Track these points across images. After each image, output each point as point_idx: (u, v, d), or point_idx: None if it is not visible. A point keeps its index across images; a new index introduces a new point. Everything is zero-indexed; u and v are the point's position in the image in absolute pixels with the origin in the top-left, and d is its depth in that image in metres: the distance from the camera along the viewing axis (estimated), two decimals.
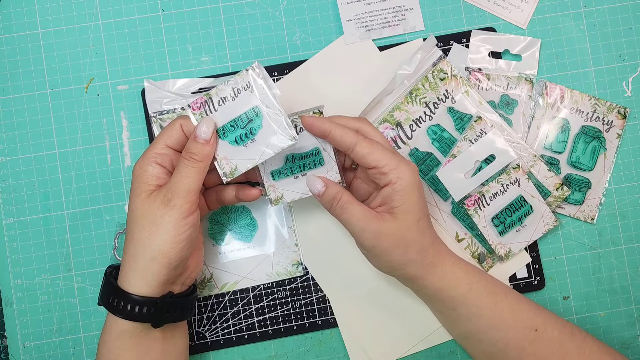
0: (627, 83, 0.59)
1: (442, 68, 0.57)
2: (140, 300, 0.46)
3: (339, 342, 0.57)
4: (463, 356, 0.57)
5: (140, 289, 0.46)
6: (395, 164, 0.47)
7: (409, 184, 0.48)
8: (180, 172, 0.47)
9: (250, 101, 0.48)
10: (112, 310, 0.47)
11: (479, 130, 0.56)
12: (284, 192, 0.51)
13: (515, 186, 0.55)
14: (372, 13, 0.58)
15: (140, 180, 0.47)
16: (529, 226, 0.55)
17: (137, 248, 0.46)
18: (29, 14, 0.58)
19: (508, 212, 0.55)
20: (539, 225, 0.55)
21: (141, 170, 0.47)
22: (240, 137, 0.48)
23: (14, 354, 0.56)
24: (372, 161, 0.47)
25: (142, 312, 0.46)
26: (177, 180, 0.46)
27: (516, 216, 0.55)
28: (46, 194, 0.57)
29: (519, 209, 0.55)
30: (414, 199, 0.48)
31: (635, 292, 0.58)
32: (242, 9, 0.59)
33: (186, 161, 0.47)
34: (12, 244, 0.57)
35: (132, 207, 0.47)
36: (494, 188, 0.55)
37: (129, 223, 0.47)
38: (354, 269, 0.57)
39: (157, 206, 0.46)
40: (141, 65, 0.58)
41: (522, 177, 0.55)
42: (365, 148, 0.48)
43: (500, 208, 0.55)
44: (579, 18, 0.59)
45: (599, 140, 0.57)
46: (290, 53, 0.59)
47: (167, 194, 0.46)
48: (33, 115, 0.58)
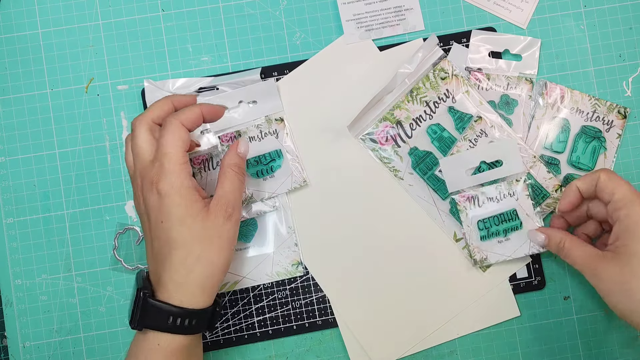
0: (627, 83, 0.59)
1: (443, 67, 0.57)
2: (202, 312, 0.46)
3: (339, 342, 0.57)
4: (463, 356, 0.57)
5: (199, 304, 0.46)
6: (628, 200, 0.46)
7: (635, 222, 0.45)
8: (233, 185, 0.47)
9: (274, 145, 0.56)
10: (173, 329, 0.45)
11: (479, 130, 0.56)
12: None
13: (512, 198, 0.55)
14: (372, 13, 0.58)
15: (189, 199, 0.45)
16: (512, 241, 0.55)
17: (207, 267, 0.45)
18: (29, 14, 0.58)
19: (496, 220, 0.55)
20: (523, 245, 0.54)
21: (184, 189, 0.45)
22: (261, 171, 0.56)
23: (14, 354, 0.56)
24: (609, 194, 0.47)
25: (201, 324, 0.46)
26: (233, 194, 0.47)
27: (502, 227, 0.55)
28: (46, 194, 0.57)
29: (508, 221, 0.55)
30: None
31: None
32: (242, 9, 0.59)
33: (235, 173, 0.48)
34: (12, 244, 0.57)
35: (193, 227, 0.45)
36: (491, 193, 0.55)
37: (189, 244, 0.45)
38: (354, 269, 0.57)
39: (221, 223, 0.46)
40: (141, 65, 0.58)
41: (523, 193, 0.54)
42: (605, 181, 0.47)
43: (490, 214, 0.55)
44: (579, 18, 0.59)
45: (599, 140, 0.57)
46: (290, 53, 0.59)
47: (227, 209, 0.46)
48: (33, 115, 0.58)
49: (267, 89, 0.56)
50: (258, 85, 0.56)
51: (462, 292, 0.56)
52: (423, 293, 0.56)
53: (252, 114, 0.57)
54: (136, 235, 0.57)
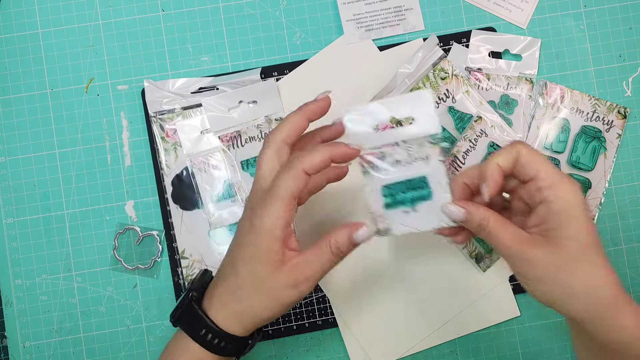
0: (627, 83, 0.59)
1: (443, 67, 0.57)
2: (237, 339, 0.45)
3: (339, 342, 0.57)
4: (463, 356, 0.57)
5: (234, 331, 0.45)
6: (556, 180, 0.41)
7: (570, 205, 0.40)
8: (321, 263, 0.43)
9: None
10: (202, 342, 0.45)
11: (479, 130, 0.56)
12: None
13: (423, 163, 0.47)
14: (372, 13, 0.58)
15: (269, 247, 0.43)
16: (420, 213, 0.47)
17: (249, 310, 0.44)
18: (29, 14, 0.58)
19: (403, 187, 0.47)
20: (432, 218, 0.47)
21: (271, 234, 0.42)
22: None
23: (14, 354, 0.56)
24: (531, 171, 0.41)
25: (230, 349, 0.45)
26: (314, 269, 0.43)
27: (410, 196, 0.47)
28: (46, 194, 0.57)
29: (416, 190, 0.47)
30: (576, 223, 0.40)
31: (636, 292, 0.58)
32: (242, 9, 0.59)
33: (333, 257, 0.43)
34: (12, 244, 0.57)
35: (255, 270, 0.43)
36: (400, 155, 0.47)
37: (242, 279, 0.44)
38: (354, 269, 0.57)
39: (283, 287, 0.43)
40: (141, 65, 0.58)
41: (436, 158, 0.46)
42: (526, 156, 0.42)
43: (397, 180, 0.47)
44: (579, 18, 0.59)
45: (599, 140, 0.57)
46: (290, 53, 0.59)
47: (299, 278, 0.43)
48: (33, 115, 0.58)
49: (267, 89, 0.56)
50: (258, 85, 0.56)
51: (462, 292, 0.56)
52: (423, 293, 0.56)
53: (252, 114, 0.57)
54: (136, 235, 0.57)
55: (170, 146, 0.57)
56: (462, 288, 0.56)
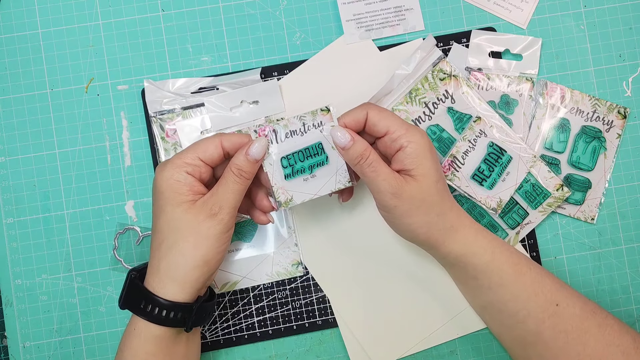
0: (627, 83, 0.59)
1: (442, 68, 0.57)
2: (177, 306, 0.46)
3: (339, 342, 0.57)
4: (463, 356, 0.57)
5: (175, 296, 0.46)
6: (405, 129, 0.48)
7: (420, 146, 0.48)
8: (229, 187, 0.47)
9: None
10: (144, 315, 0.46)
11: (478, 130, 0.56)
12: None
13: (317, 130, 0.50)
14: (372, 13, 0.58)
15: (175, 190, 0.47)
16: (318, 178, 0.50)
17: (176, 256, 0.46)
18: (29, 14, 0.58)
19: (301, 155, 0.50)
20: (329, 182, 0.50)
21: (173, 180, 0.47)
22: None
23: (14, 354, 0.56)
24: (384, 127, 0.48)
25: (177, 317, 0.46)
26: (225, 195, 0.47)
27: (308, 163, 0.50)
28: (46, 194, 0.57)
29: (313, 156, 0.50)
30: (427, 161, 0.48)
31: (635, 292, 0.58)
32: (242, 9, 0.59)
33: (236, 177, 0.47)
34: (12, 244, 0.57)
35: (171, 217, 0.46)
36: (294, 125, 0.50)
37: (166, 232, 0.47)
38: (354, 269, 0.57)
39: (203, 218, 0.46)
40: (141, 65, 0.58)
41: (329, 124, 0.50)
42: (376, 115, 0.48)
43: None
44: (579, 18, 0.59)
45: (599, 140, 0.57)
46: (290, 53, 0.59)
47: (213, 207, 0.46)
48: (33, 115, 0.58)
49: (269, 89, 0.56)
50: (260, 85, 0.56)
51: None
52: (423, 293, 0.56)
53: (253, 114, 0.57)
54: (136, 235, 0.57)
55: (170, 146, 0.57)
56: None
